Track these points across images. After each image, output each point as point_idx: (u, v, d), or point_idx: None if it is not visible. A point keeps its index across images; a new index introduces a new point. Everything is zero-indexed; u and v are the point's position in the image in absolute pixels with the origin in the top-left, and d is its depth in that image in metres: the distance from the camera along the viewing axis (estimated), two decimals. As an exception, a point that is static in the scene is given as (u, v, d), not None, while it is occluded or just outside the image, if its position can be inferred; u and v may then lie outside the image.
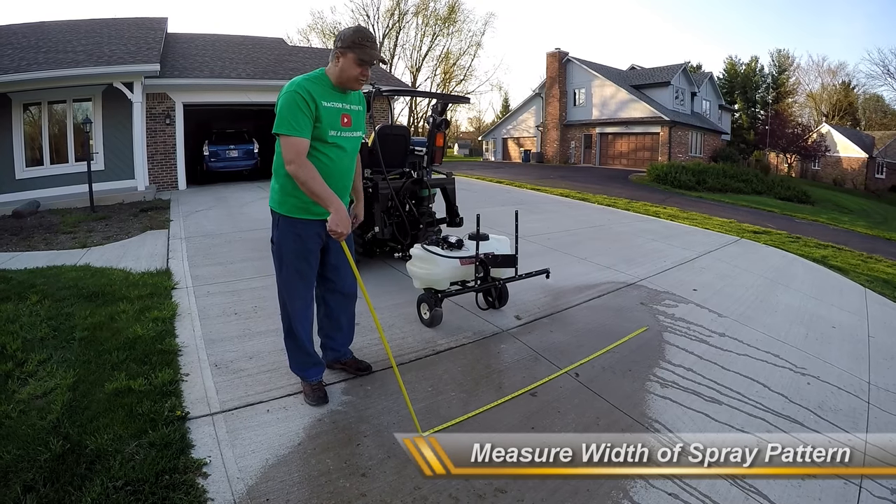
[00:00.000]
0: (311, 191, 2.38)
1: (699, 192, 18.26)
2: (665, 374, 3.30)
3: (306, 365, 2.78)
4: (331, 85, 2.52)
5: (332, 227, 2.38)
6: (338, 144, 2.56)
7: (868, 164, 36.38)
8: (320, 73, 2.53)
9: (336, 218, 2.38)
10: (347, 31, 2.50)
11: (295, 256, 2.63)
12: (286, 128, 2.38)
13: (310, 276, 2.71)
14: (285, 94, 2.42)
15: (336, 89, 2.53)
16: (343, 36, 2.48)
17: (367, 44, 2.47)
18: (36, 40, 11.58)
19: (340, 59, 2.47)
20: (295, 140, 2.38)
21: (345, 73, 2.48)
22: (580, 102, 31.24)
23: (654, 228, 8.44)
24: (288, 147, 2.38)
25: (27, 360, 3.07)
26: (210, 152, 13.25)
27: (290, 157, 2.37)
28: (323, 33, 42.29)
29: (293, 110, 2.38)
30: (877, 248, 10.26)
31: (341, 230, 2.40)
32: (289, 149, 2.38)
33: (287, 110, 2.38)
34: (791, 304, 5.02)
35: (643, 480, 2.27)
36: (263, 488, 2.12)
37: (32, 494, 1.98)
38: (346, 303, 2.93)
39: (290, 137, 2.38)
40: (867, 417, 3.08)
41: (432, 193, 5.44)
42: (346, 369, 3.06)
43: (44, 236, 7.07)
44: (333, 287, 2.86)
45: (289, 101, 2.39)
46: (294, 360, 2.80)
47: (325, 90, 2.50)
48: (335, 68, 2.50)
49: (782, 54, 50.62)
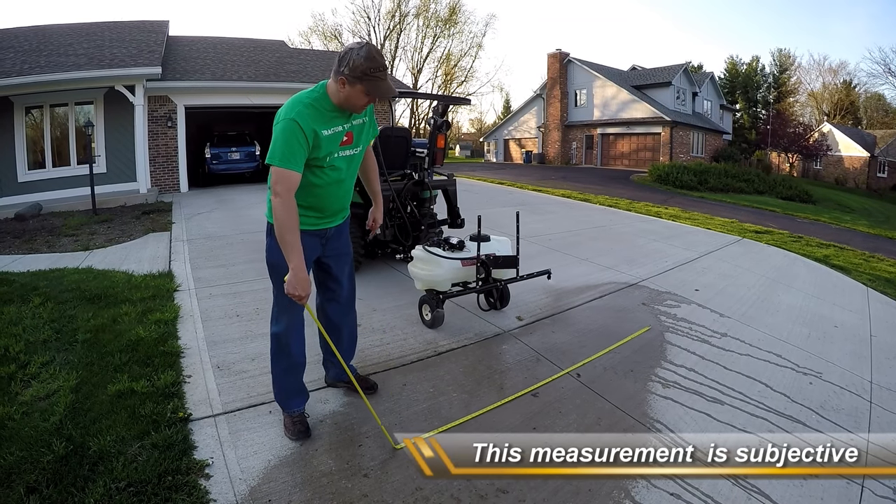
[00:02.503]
0: (282, 235, 2.18)
1: (701, 193, 18.24)
2: (667, 374, 3.30)
3: (291, 392, 2.54)
4: (332, 106, 2.30)
5: (289, 289, 2.18)
6: (334, 166, 2.37)
7: (870, 163, 36.29)
8: (321, 93, 2.29)
9: (293, 279, 2.17)
10: (357, 56, 2.19)
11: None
12: (279, 159, 2.18)
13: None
14: (283, 121, 2.20)
15: (337, 109, 2.32)
16: (352, 63, 2.18)
17: (380, 74, 2.22)
18: (38, 44, 11.62)
19: (346, 86, 2.23)
20: (287, 173, 2.18)
21: (350, 101, 2.27)
22: (581, 103, 31.25)
23: (656, 229, 8.44)
24: (279, 179, 2.18)
25: (30, 362, 3.08)
26: (212, 155, 13.28)
27: (277, 190, 2.18)
28: (324, 35, 42.36)
29: (289, 141, 2.18)
30: (879, 247, 10.24)
31: (299, 293, 2.18)
32: (279, 181, 2.18)
33: (282, 140, 2.18)
34: (793, 303, 5.01)
35: (645, 480, 2.27)
36: (266, 489, 2.13)
37: (35, 496, 1.99)
38: (345, 312, 2.78)
39: (282, 170, 2.18)
40: (869, 417, 3.07)
41: (434, 195, 5.44)
42: (350, 387, 2.88)
43: (46, 239, 7.09)
44: (332, 296, 2.73)
45: (285, 131, 2.19)
46: (279, 384, 2.55)
47: (326, 115, 2.29)
48: (339, 93, 2.26)
49: (783, 53, 50.62)
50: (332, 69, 2.26)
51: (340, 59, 2.23)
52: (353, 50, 2.21)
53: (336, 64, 2.24)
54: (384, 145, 4.85)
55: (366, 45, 2.24)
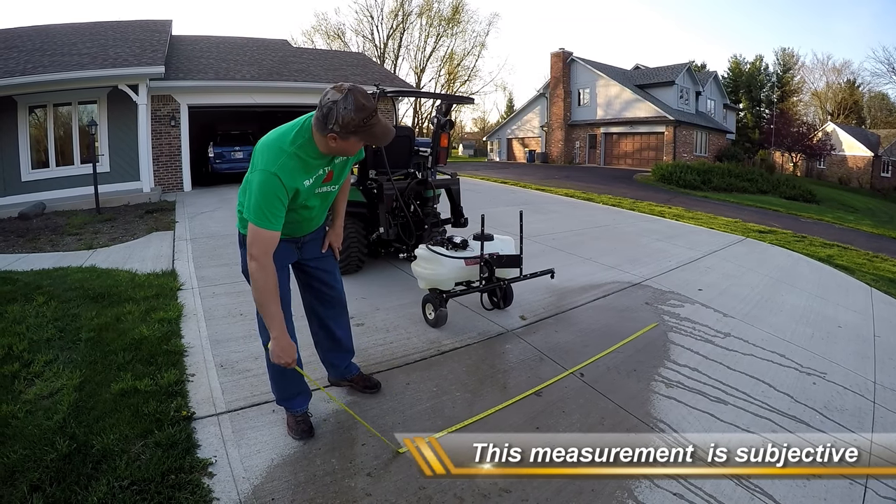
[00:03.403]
0: (261, 303, 2.07)
1: (704, 192, 18.20)
2: (670, 373, 3.29)
3: (291, 393, 2.48)
4: (317, 154, 2.14)
5: (274, 358, 2.10)
6: (306, 205, 2.27)
7: (874, 162, 36.16)
8: (306, 140, 2.11)
9: (277, 349, 2.09)
10: (344, 112, 1.97)
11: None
12: (258, 218, 2.02)
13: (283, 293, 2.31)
14: (263, 173, 2.03)
15: (322, 156, 2.16)
16: (341, 120, 1.97)
17: (373, 121, 2.03)
18: (41, 43, 11.65)
19: (337, 141, 2.04)
20: (265, 234, 2.04)
21: (347, 151, 2.13)
22: (585, 102, 31.19)
23: (659, 228, 8.42)
24: (256, 240, 2.03)
25: (33, 360, 3.09)
26: (215, 154, 13.30)
27: (255, 252, 2.03)
28: (327, 35, 42.41)
29: (269, 198, 2.02)
30: (883, 246, 10.20)
31: (286, 361, 2.10)
32: (257, 243, 2.03)
33: (261, 196, 2.02)
34: (796, 303, 4.99)
35: (648, 480, 2.26)
36: (269, 488, 2.13)
37: (39, 494, 1.99)
38: (336, 312, 2.73)
39: (261, 230, 2.03)
40: (873, 417, 3.06)
41: (437, 194, 5.44)
42: (353, 386, 2.89)
43: (50, 238, 7.12)
44: (321, 296, 2.67)
45: (265, 186, 2.02)
46: (278, 385, 2.49)
47: (310, 163, 2.13)
48: (328, 145, 2.08)
49: (787, 53, 50.37)
50: (315, 121, 2.06)
51: (326, 116, 2.00)
52: (338, 104, 1.97)
53: (320, 118, 2.02)
54: (387, 145, 4.84)
55: (349, 94, 1.99)
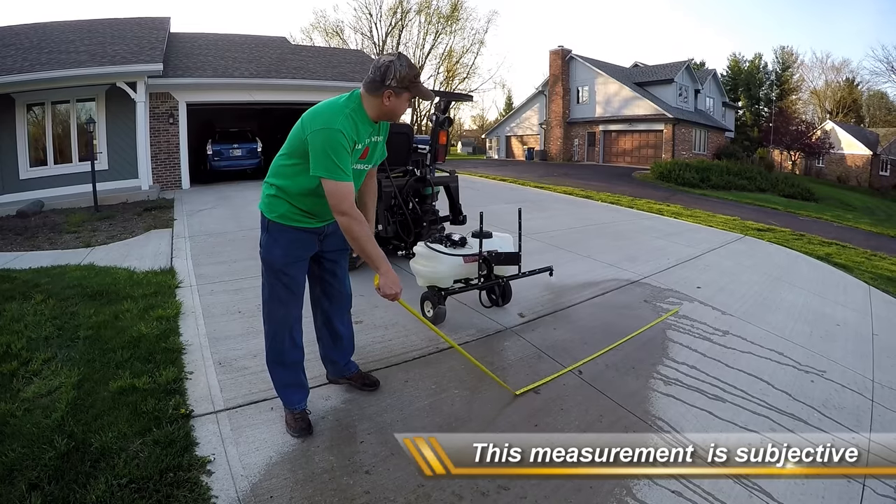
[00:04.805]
0: (365, 250, 2.22)
1: (703, 190, 18.22)
2: (669, 371, 3.29)
3: (292, 387, 2.52)
4: (366, 119, 2.30)
5: (385, 291, 2.30)
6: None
7: (872, 161, 36.20)
8: (357, 104, 2.27)
9: (386, 281, 2.28)
10: (401, 67, 2.22)
11: (284, 263, 2.41)
12: (334, 172, 2.13)
13: (299, 285, 2.49)
14: (326, 130, 2.14)
15: (369, 123, 2.32)
16: (399, 75, 2.21)
17: (419, 80, 2.31)
18: (38, 41, 11.61)
19: (392, 98, 2.25)
20: (344, 187, 2.15)
21: (397, 111, 2.30)
22: (584, 100, 31.18)
23: (658, 226, 8.42)
24: (338, 195, 2.15)
25: (32, 358, 3.09)
26: (213, 151, 13.29)
27: (343, 208, 2.16)
28: (326, 32, 42.26)
29: (338, 152, 2.13)
30: (881, 245, 10.22)
31: (394, 292, 2.31)
32: (339, 197, 2.15)
33: (332, 151, 2.12)
34: (795, 301, 5.00)
35: (647, 478, 2.26)
36: (267, 485, 2.13)
37: (37, 492, 1.99)
38: (341, 308, 2.75)
39: (339, 183, 2.14)
40: (871, 415, 3.06)
41: (436, 191, 5.44)
42: (352, 384, 2.89)
43: (48, 236, 7.11)
44: (329, 290, 2.69)
45: (333, 142, 2.13)
46: (278, 378, 2.53)
47: (363, 126, 2.29)
48: (382, 106, 2.27)
49: (786, 51, 50.43)
50: (369, 84, 2.25)
51: (384, 74, 2.21)
52: (394, 63, 2.22)
53: (377, 79, 2.22)
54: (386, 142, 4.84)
55: (401, 56, 2.27)
